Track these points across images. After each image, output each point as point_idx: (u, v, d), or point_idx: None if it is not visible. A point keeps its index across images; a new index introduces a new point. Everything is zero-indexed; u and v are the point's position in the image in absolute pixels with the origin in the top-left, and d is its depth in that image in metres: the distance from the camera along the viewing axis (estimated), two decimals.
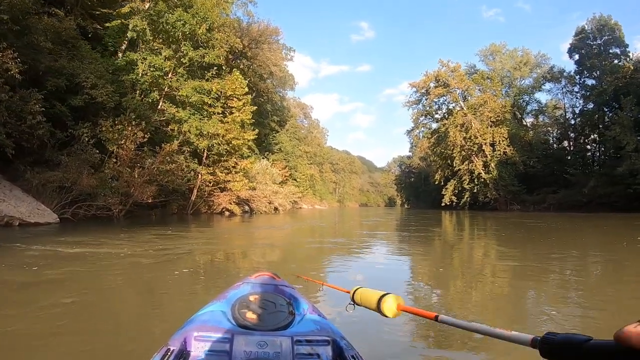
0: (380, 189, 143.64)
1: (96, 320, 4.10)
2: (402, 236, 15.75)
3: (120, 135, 21.17)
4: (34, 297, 4.86)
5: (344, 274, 6.90)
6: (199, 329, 1.67)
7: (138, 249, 9.17)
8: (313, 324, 1.79)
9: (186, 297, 5.25)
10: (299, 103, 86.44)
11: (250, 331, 1.67)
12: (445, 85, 56.06)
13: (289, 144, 64.34)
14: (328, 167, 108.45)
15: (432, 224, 23.86)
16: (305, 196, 69.46)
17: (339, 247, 11.43)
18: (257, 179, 36.07)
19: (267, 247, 11.36)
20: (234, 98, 29.05)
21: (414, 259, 9.13)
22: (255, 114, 53.42)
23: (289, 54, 60.47)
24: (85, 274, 6.35)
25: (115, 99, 21.77)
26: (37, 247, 8.99)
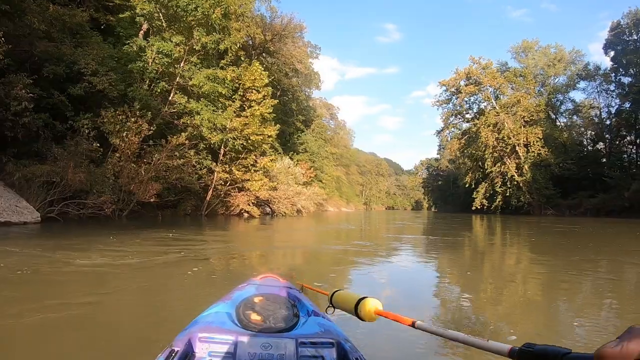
0: (407, 192, 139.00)
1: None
2: (430, 240, 14.85)
3: (122, 127, 18.79)
4: None
5: (367, 277, 6.52)
6: (204, 330, 1.66)
7: (111, 257, 7.08)
8: (317, 326, 1.79)
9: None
10: (325, 103, 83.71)
11: (254, 333, 1.68)
12: (477, 83, 53.18)
13: (315, 144, 61.53)
14: (355, 169, 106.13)
15: (462, 228, 22.70)
16: (331, 198, 66.86)
17: (364, 251, 10.67)
18: (279, 178, 33.20)
19: (285, 252, 10.35)
20: (253, 90, 26.45)
21: (442, 263, 8.78)
22: (280, 112, 52.24)
23: (315, 51, 58.03)
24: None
25: (119, 89, 19.66)
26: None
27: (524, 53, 58.19)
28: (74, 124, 18.03)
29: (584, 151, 51.01)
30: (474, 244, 13.65)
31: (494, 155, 50.54)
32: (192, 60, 22.79)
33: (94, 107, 18.92)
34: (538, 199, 47.14)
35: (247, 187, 26.64)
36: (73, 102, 18.28)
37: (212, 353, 1.60)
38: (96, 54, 18.94)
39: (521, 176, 48.38)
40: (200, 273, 6.09)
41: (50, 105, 17.63)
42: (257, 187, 26.44)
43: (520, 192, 48.54)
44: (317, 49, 58.25)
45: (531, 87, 53.06)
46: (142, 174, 19.28)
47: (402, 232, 18.85)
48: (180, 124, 22.23)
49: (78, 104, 18.72)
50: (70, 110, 18.08)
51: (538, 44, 58.07)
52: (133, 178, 19.02)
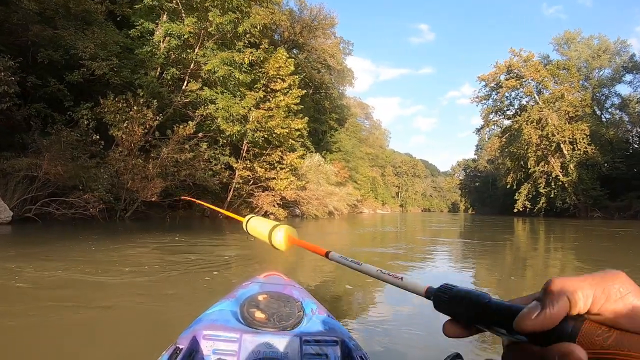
0: (444, 194, 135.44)
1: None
2: (469, 244, 14.07)
3: (123, 117, 16.21)
4: None
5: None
6: (208, 327, 1.64)
7: (71, 272, 5.67)
8: (321, 324, 1.77)
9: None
10: (360, 103, 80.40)
11: (258, 330, 1.66)
12: (518, 76, 49.29)
13: (349, 142, 58.37)
14: (390, 170, 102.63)
15: (503, 231, 21.12)
16: (366, 200, 63.57)
17: (400, 254, 10.26)
18: (308, 177, 30.13)
19: (310, 257, 8.49)
20: (278, 79, 23.56)
21: (482, 268, 8.37)
22: (313, 110, 50.12)
23: (347, 47, 54.93)
24: None
25: (124, 75, 17.41)
26: None
27: (566, 45, 54.04)
28: (73, 115, 16.05)
29: (630, 149, 47.13)
30: (516, 248, 12.88)
31: (537, 153, 46.89)
32: (208, 45, 20.05)
33: (97, 97, 16.61)
34: (584, 200, 43.50)
35: (272, 187, 23.71)
36: (73, 91, 16.48)
37: (216, 351, 1.58)
38: (96, 37, 16.55)
39: (566, 176, 44.98)
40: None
41: (48, 95, 16.03)
42: (283, 186, 23.45)
43: (566, 194, 45.07)
44: (349, 45, 55.33)
45: (575, 81, 48.94)
46: (145, 169, 16.64)
47: (440, 235, 17.98)
48: (195, 116, 19.51)
49: (79, 93, 16.62)
50: (69, 100, 16.34)
51: (580, 35, 53.89)
52: (135, 174, 16.39)
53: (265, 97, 22.98)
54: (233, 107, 18.93)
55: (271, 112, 22.62)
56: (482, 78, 52.79)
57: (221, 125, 18.82)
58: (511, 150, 50.69)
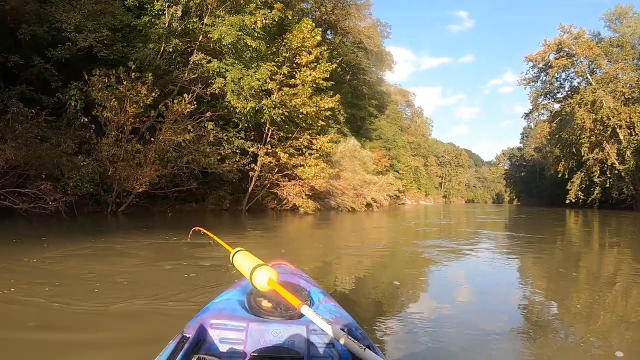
0: (488, 184, 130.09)
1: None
2: (518, 238, 12.99)
3: (111, 94, 13.26)
4: None
5: (443, 281, 5.85)
6: (215, 316, 1.64)
7: None
8: (328, 313, 1.74)
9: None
10: (400, 90, 75.60)
11: (265, 319, 1.65)
12: (569, 55, 44.04)
13: (390, 130, 54.30)
14: (433, 160, 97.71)
15: (554, 224, 19.48)
16: (408, 190, 59.42)
17: (448, 249, 9.13)
18: (343, 164, 26.46)
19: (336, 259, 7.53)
20: (303, 52, 20.04)
21: (530, 264, 7.85)
22: (351, 95, 46.44)
23: (385, 30, 50.80)
24: None
25: (117, 49, 14.96)
26: None
27: (618, 20, 48.01)
28: (62, 97, 14.02)
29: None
30: (567, 243, 12.07)
31: (591, 139, 41.62)
32: (219, 14, 16.69)
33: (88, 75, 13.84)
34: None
35: (299, 175, 20.27)
36: (63, 71, 14.36)
37: (223, 339, 1.58)
38: (83, 6, 13.90)
39: (623, 164, 39.94)
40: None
41: (35, 75, 14.23)
42: (312, 174, 19.90)
43: (622, 183, 40.13)
44: (387, 28, 51.16)
45: (630, 59, 43.72)
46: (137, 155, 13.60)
47: (486, 228, 16.93)
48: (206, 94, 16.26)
49: (71, 72, 14.14)
50: (57, 80, 14.36)
51: (633, 10, 47.57)
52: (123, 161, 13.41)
53: (289, 73, 19.51)
54: (244, 80, 15.43)
55: (296, 90, 19.16)
56: (529, 58, 47.42)
57: (230, 100, 15.38)
58: (562, 136, 45.88)
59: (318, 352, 1.59)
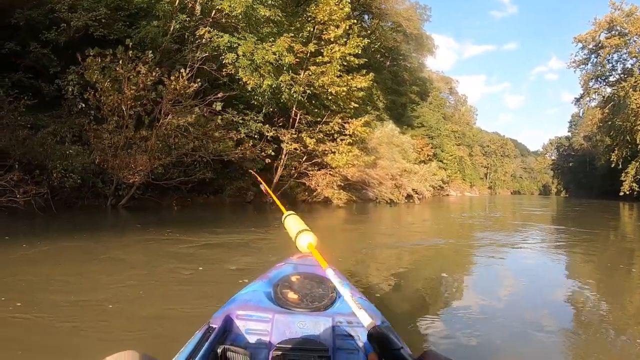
0: (534, 175, 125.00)
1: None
2: (568, 232, 12.04)
3: (107, 75, 11.55)
4: None
5: (490, 275, 5.80)
6: (241, 307, 1.64)
7: None
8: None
9: None
10: (443, 77, 71.67)
11: (291, 311, 1.64)
12: (621, 34, 40.86)
13: (432, 117, 51.06)
14: (478, 150, 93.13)
15: (605, 218, 18.46)
16: (453, 181, 56.05)
17: (494, 245, 8.61)
18: (379, 151, 23.83)
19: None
20: (331, 26, 17.60)
21: (582, 259, 7.48)
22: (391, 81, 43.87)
23: (424, 13, 47.59)
24: None
25: (118, 29, 13.57)
26: None
27: None
28: (61, 84, 12.65)
29: None
30: (621, 238, 11.25)
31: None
32: None
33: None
34: None
35: (329, 163, 17.89)
36: (64, 56, 13.04)
37: (249, 330, 1.57)
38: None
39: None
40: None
41: (33, 62, 13.13)
42: (343, 162, 17.49)
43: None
44: (427, 10, 47.77)
45: None
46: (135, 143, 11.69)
47: (534, 221, 16.20)
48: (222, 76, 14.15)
49: (70, 57, 12.55)
50: (55, 66, 13.18)
51: None
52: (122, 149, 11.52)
53: (316, 50, 17.15)
54: (258, 53, 13.14)
55: (323, 68, 16.79)
56: (579, 39, 44.63)
57: (241, 77, 13.15)
58: (615, 123, 42.61)
59: (344, 345, 1.55)
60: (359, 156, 18.57)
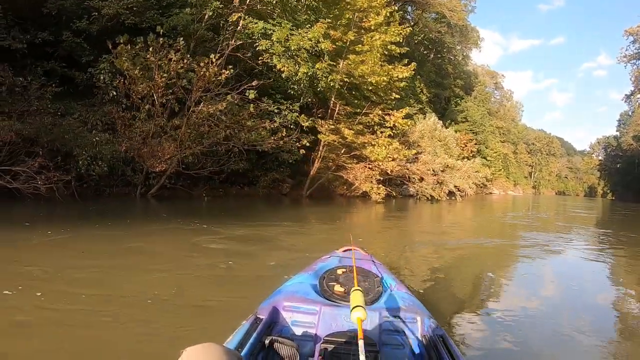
0: (580, 176, 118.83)
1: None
2: (614, 236, 11.89)
3: (137, 63, 11.42)
4: None
5: (532, 278, 5.64)
6: (288, 299, 1.64)
7: None
8: (401, 300, 1.72)
9: None
10: (489, 71, 69.27)
11: (337, 304, 1.63)
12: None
13: (477, 112, 49.26)
14: (523, 148, 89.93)
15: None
16: (496, 179, 54.03)
17: (538, 248, 8.17)
18: (421, 145, 22.84)
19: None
20: (370, 13, 16.65)
21: (627, 265, 7.27)
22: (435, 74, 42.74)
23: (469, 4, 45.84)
24: None
25: (151, 17, 13.16)
26: None
27: None
28: (93, 72, 12.19)
29: None
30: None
31: None
32: None
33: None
34: None
35: (367, 156, 17.12)
36: (97, 46, 12.56)
37: (295, 322, 1.57)
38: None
39: None
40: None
41: (67, 52, 12.88)
42: (383, 154, 16.67)
43: None
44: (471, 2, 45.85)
45: None
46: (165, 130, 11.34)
47: (580, 223, 15.77)
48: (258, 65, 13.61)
49: (103, 46, 12.14)
50: (87, 55, 12.86)
51: None
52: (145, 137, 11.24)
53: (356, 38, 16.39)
54: (293, 39, 12.50)
55: (363, 57, 16.04)
56: (630, 32, 43.64)
57: (277, 65, 12.54)
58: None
59: (390, 340, 1.53)
60: (399, 149, 17.71)
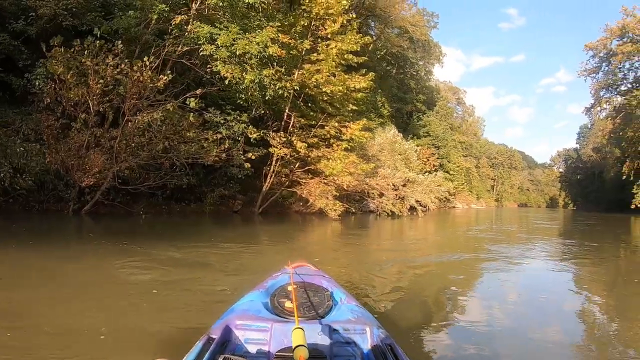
0: (541, 188, 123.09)
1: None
2: (578, 245, 11.97)
3: (72, 67, 10.37)
4: None
5: (497, 291, 5.51)
6: (240, 317, 1.66)
7: None
8: (350, 312, 1.77)
9: None
10: (451, 87, 70.21)
11: (288, 320, 1.64)
12: (634, 41, 39.47)
13: (439, 126, 49.47)
14: (485, 162, 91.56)
15: (615, 232, 17.66)
16: (459, 193, 54.23)
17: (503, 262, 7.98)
18: (381, 159, 22.16)
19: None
20: (327, 20, 15.98)
21: (592, 274, 7.30)
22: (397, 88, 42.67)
23: (432, 20, 46.18)
24: None
25: (92, 19, 12.20)
26: None
27: None
28: (29, 77, 11.35)
29: None
30: (632, 253, 11.12)
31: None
32: None
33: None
34: None
35: (322, 170, 16.27)
36: (35, 49, 11.69)
37: (247, 340, 1.58)
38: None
39: None
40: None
41: (5, 55, 12.02)
42: (338, 168, 15.88)
43: None
44: (434, 17, 46.25)
45: None
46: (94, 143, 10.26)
47: (545, 234, 15.68)
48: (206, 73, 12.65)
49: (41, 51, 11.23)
50: (25, 59, 11.99)
51: None
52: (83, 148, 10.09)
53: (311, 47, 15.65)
54: (238, 44, 11.59)
55: (318, 65, 15.30)
56: (589, 46, 43.37)
57: (219, 70, 11.61)
58: (627, 133, 40.95)
59: (341, 352, 1.56)
60: (357, 163, 17.01)
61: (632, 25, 39.31)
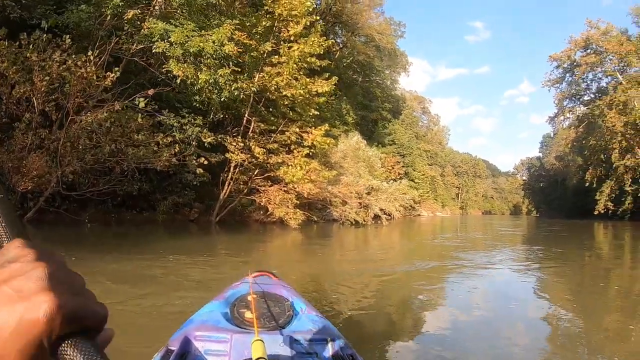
0: (505, 195, 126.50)
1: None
2: (542, 251, 12.09)
3: (16, 62, 9.61)
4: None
5: (462, 302, 5.36)
6: (199, 329, 1.60)
7: None
8: (311, 323, 1.74)
9: None
10: (416, 96, 71.21)
11: (249, 330, 1.60)
12: (597, 52, 40.89)
13: (404, 135, 49.75)
14: (450, 170, 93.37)
15: (579, 237, 18.24)
16: (424, 201, 54.62)
17: (469, 271, 7.84)
18: (344, 166, 21.88)
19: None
20: (290, 21, 15.67)
21: (556, 279, 7.52)
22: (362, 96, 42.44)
23: (399, 29, 46.51)
24: None
25: (41, 13, 11.27)
26: None
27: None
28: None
29: None
30: (595, 258, 11.06)
31: (622, 144, 38.25)
32: None
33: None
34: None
35: (282, 177, 15.77)
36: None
37: (207, 351, 1.52)
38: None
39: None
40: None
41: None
42: (298, 175, 15.40)
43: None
44: (401, 27, 46.68)
45: None
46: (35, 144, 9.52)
47: (509, 241, 15.98)
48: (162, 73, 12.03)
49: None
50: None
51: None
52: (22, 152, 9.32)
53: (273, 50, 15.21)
54: (192, 42, 11.01)
55: (279, 68, 14.85)
56: (554, 57, 44.68)
57: (172, 68, 11.04)
58: (590, 142, 42.30)
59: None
60: (318, 170, 16.59)
61: (596, 37, 40.83)
